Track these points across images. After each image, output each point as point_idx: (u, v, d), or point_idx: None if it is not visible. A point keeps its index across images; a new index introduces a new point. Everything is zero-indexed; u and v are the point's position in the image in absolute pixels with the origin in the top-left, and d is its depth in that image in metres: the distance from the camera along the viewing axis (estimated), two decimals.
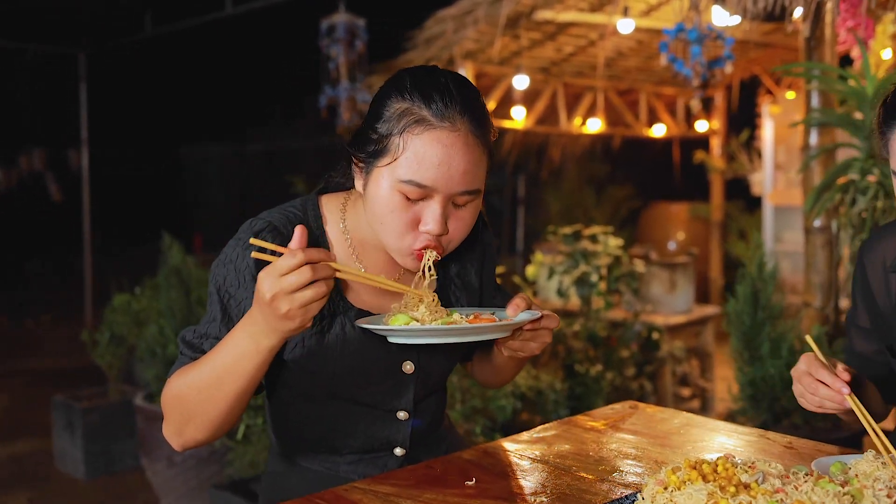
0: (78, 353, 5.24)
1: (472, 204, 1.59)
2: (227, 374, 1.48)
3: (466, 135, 1.52)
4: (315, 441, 1.74)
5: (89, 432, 4.91)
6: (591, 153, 9.35)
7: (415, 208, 1.53)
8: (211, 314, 1.62)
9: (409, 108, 1.52)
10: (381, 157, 1.53)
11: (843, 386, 1.58)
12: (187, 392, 1.53)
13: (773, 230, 7.43)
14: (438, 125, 1.50)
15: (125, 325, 5.07)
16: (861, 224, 3.59)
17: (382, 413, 1.72)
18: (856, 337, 1.95)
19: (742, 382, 3.63)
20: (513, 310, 1.59)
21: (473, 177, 1.55)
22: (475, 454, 1.75)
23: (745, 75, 7.81)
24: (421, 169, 1.50)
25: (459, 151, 1.51)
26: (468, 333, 1.50)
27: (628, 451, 1.76)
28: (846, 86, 3.61)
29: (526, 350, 1.64)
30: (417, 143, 1.50)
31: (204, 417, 1.54)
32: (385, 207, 1.54)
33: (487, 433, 3.87)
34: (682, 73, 3.96)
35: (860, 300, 1.92)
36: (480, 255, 1.85)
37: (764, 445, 1.80)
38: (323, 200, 1.71)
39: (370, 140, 1.55)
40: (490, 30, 5.42)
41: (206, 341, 1.60)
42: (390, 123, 1.52)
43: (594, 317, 4.88)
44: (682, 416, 2.02)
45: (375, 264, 1.69)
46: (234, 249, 1.61)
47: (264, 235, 1.58)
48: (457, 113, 1.52)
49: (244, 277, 1.58)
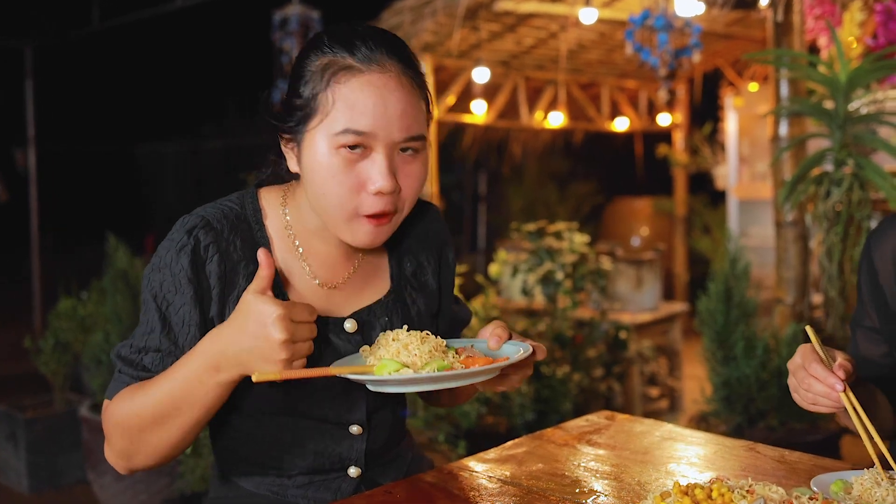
0: (23, 358, 5.00)
1: (420, 156, 1.47)
2: (182, 409, 1.37)
3: (398, 76, 1.42)
4: (260, 461, 1.56)
5: (33, 444, 4.68)
6: (552, 148, 9.23)
7: (357, 168, 1.41)
8: (148, 325, 1.46)
9: (332, 61, 1.41)
10: (311, 118, 1.41)
11: (836, 382, 1.42)
12: (136, 421, 1.40)
13: (739, 225, 7.35)
14: (367, 69, 1.40)
15: (70, 332, 4.85)
16: (836, 217, 3.47)
17: (333, 427, 1.54)
18: (862, 339, 1.78)
19: (716, 383, 3.50)
20: (495, 341, 1.47)
21: (413, 120, 1.43)
22: (439, 476, 1.58)
23: (708, 67, 7.73)
24: (355, 115, 1.38)
25: (393, 92, 1.40)
26: (464, 378, 1.37)
27: (606, 469, 1.60)
28: (818, 73, 3.50)
29: (506, 384, 1.50)
30: (346, 90, 1.39)
31: (155, 446, 1.42)
32: (325, 172, 1.41)
33: (451, 440, 3.71)
34: (648, 62, 3.82)
35: (868, 297, 1.75)
36: (437, 254, 1.70)
37: (754, 460, 1.65)
38: (262, 193, 1.57)
39: (295, 106, 1.43)
40: (449, 21, 5.25)
41: (145, 356, 1.45)
42: (314, 81, 1.41)
43: (560, 316, 4.73)
44: (663, 427, 1.86)
45: (322, 258, 1.55)
46: (168, 252, 1.46)
47: (197, 232, 1.45)
48: (383, 55, 1.41)
49: (180, 282, 1.44)
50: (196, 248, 1.44)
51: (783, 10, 3.68)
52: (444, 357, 1.39)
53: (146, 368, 1.44)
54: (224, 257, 1.46)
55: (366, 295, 1.58)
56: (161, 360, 1.45)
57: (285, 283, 1.51)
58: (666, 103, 7.20)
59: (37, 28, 8.22)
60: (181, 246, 1.44)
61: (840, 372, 1.44)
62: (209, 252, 1.45)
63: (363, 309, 1.56)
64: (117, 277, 4.36)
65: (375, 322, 1.57)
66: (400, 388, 1.37)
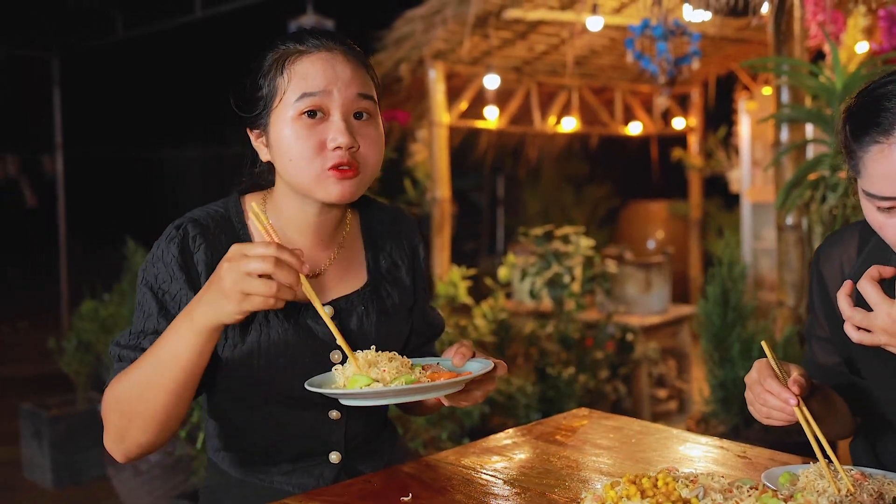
0: (49, 359, 5.15)
1: (373, 121, 1.62)
2: (165, 364, 1.45)
3: (344, 53, 1.60)
4: (248, 449, 1.69)
5: (56, 441, 4.82)
6: (568, 152, 9.30)
7: (317, 130, 1.56)
8: (145, 311, 1.59)
9: (284, 51, 1.59)
10: (272, 101, 1.58)
11: (790, 397, 1.48)
12: (128, 392, 1.49)
13: (752, 227, 7.38)
14: (315, 51, 1.58)
15: (92, 332, 4.99)
16: (832, 221, 3.53)
17: (314, 413, 1.66)
18: (817, 348, 1.85)
19: (713, 385, 3.57)
20: (459, 359, 1.58)
21: (363, 81, 1.61)
22: (416, 468, 1.68)
23: (722, 71, 7.75)
24: (308, 81, 1.56)
25: (340, 62, 1.59)
26: (429, 391, 1.48)
27: (575, 461, 1.70)
28: (815, 81, 3.56)
29: (469, 399, 1.62)
30: (298, 66, 1.57)
31: (145, 416, 1.48)
32: (290, 138, 1.56)
33: (455, 439, 3.81)
34: (648, 69, 3.90)
35: (819, 310, 1.82)
36: (410, 252, 1.83)
37: (718, 456, 1.74)
38: (245, 199, 1.72)
39: (258, 98, 1.61)
40: (459, 29, 5.35)
41: (144, 339, 1.56)
42: (271, 72, 1.59)
43: (567, 318, 4.82)
44: (637, 423, 1.96)
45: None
46: (158, 247, 1.61)
47: (186, 225, 1.60)
48: (329, 41, 1.60)
49: (173, 270, 1.58)
50: (184, 239, 1.59)
51: (779, 17, 3.73)
52: (410, 372, 1.50)
53: (144, 349, 1.53)
54: (210, 248, 1.59)
55: (343, 285, 1.70)
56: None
57: None
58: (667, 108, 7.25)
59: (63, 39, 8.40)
60: (170, 238, 1.59)
61: (794, 387, 1.49)
62: (196, 242, 1.59)
63: (341, 298, 1.68)
64: (136, 280, 4.50)
65: (352, 311, 1.68)
66: (370, 400, 1.47)
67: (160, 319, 1.56)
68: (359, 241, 1.77)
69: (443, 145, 5.93)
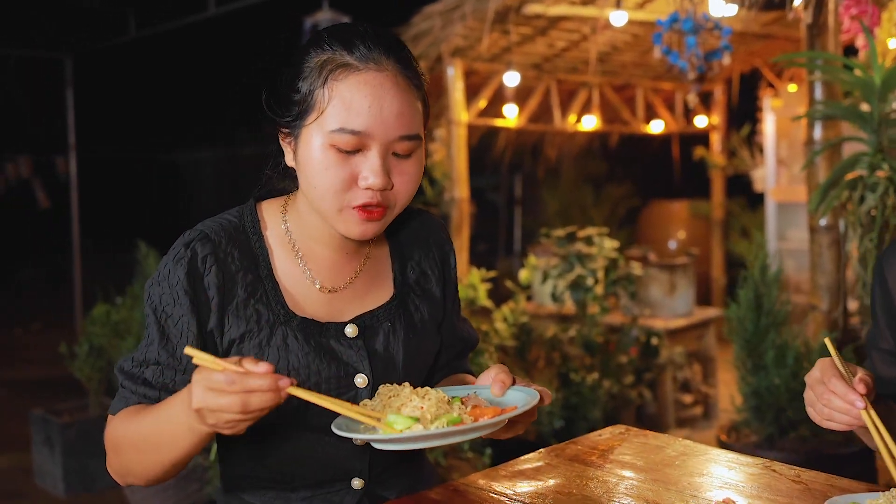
0: (60, 362, 5.08)
1: (415, 155, 1.47)
2: (164, 445, 1.37)
3: (395, 75, 1.42)
4: (265, 475, 1.56)
5: (68, 448, 4.74)
6: (588, 151, 9.16)
7: (351, 163, 1.41)
8: (149, 337, 1.48)
9: (329, 58, 1.42)
10: (308, 115, 1.42)
11: (857, 399, 1.37)
12: (126, 447, 1.43)
13: (777, 228, 7.22)
14: (364, 67, 1.40)
15: (104, 337, 4.90)
16: (870, 223, 3.38)
17: (336, 439, 1.51)
18: (878, 361, 1.72)
19: (745, 393, 3.43)
20: (499, 388, 1.43)
21: (410, 120, 1.43)
22: (444, 493, 1.56)
23: (746, 68, 7.60)
24: (350, 115, 1.39)
25: (389, 92, 1.41)
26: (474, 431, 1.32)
27: (619, 487, 1.57)
28: (852, 76, 3.41)
29: (511, 432, 1.47)
30: (343, 88, 1.40)
31: (142, 474, 1.44)
32: (319, 166, 1.41)
33: (477, 448, 3.69)
34: (676, 66, 3.75)
35: (883, 319, 1.69)
36: (440, 262, 1.70)
37: (769, 480, 1.60)
38: (262, 206, 1.59)
39: (293, 101, 1.44)
40: (478, 25, 5.23)
41: (146, 369, 1.47)
42: (312, 78, 1.42)
43: (590, 322, 4.68)
44: (678, 443, 1.82)
45: (323, 263, 1.56)
46: (165, 266, 1.48)
47: (195, 245, 1.47)
48: (381, 55, 1.42)
49: (177, 294, 1.45)
50: (193, 259, 1.46)
51: (816, 10, 3.59)
52: (450, 410, 1.35)
53: (147, 382, 1.46)
54: (222, 268, 1.47)
55: (368, 300, 1.58)
56: (161, 372, 1.46)
57: (284, 291, 1.52)
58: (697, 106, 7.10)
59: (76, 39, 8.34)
60: (178, 258, 1.46)
61: (860, 386, 1.39)
62: (206, 263, 1.46)
63: (365, 314, 1.56)
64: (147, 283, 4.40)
65: (378, 327, 1.56)
66: (409, 445, 1.31)
67: (161, 351, 1.46)
68: (385, 251, 1.65)
69: (461, 144, 5.81)
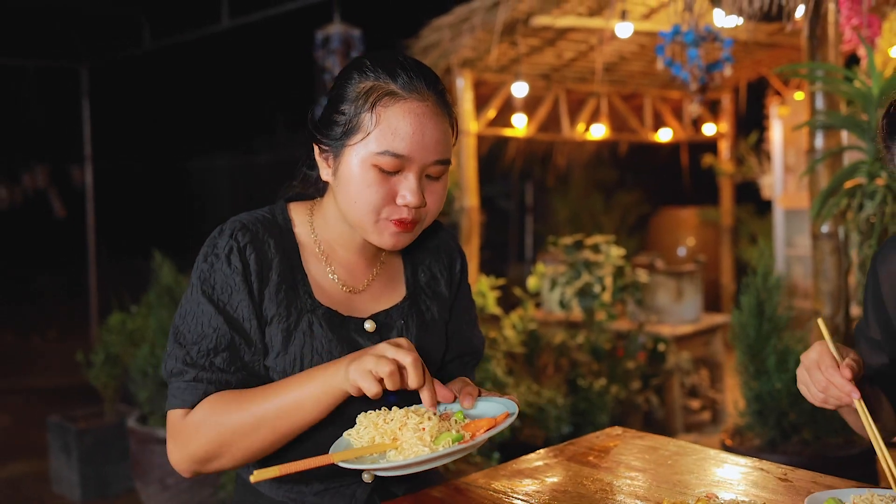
0: (77, 370, 5.16)
1: (444, 176, 1.63)
2: (300, 413, 1.50)
3: (435, 105, 1.58)
4: None
5: (84, 455, 4.82)
6: (597, 159, 9.22)
7: (391, 182, 1.56)
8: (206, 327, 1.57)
9: (375, 85, 1.56)
10: (352, 135, 1.56)
11: (853, 391, 1.53)
12: (228, 430, 1.51)
13: (785, 234, 7.27)
14: (408, 97, 1.55)
15: (120, 345, 4.99)
16: (869, 230, 3.44)
17: None
18: (866, 349, 1.85)
19: (748, 397, 3.49)
20: (469, 402, 1.58)
21: (445, 146, 1.59)
22: (446, 492, 1.63)
23: (753, 76, 7.64)
24: (396, 139, 1.53)
25: (430, 120, 1.56)
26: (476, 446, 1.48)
27: (609, 484, 1.64)
28: (851, 86, 3.48)
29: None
30: (390, 115, 1.54)
31: (249, 448, 1.53)
32: (360, 184, 1.55)
33: (485, 452, 3.75)
34: (679, 76, 3.82)
35: (871, 312, 1.82)
36: (449, 265, 1.85)
37: (758, 478, 1.67)
38: (291, 206, 1.74)
39: (337, 123, 1.58)
40: (487, 37, 5.29)
41: (215, 357, 1.57)
42: (358, 102, 1.56)
43: (597, 328, 4.74)
44: (672, 444, 1.89)
45: (344, 265, 1.71)
46: (216, 258, 1.60)
47: (237, 234, 1.61)
48: (423, 86, 1.57)
49: (234, 281, 1.58)
50: (239, 248, 1.59)
51: (814, 22, 3.65)
52: (450, 427, 1.48)
53: (220, 369, 1.56)
54: (259, 255, 1.61)
55: (383, 300, 1.72)
56: (231, 358, 1.56)
57: (314, 284, 1.65)
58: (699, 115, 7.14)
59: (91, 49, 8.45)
60: (228, 249, 1.59)
61: (846, 371, 1.53)
62: (247, 251, 1.60)
63: (381, 312, 1.70)
64: (162, 292, 4.48)
65: (393, 325, 1.71)
66: (422, 467, 1.43)
67: (233, 335, 1.57)
68: (398, 256, 1.80)
69: (471, 154, 5.88)
